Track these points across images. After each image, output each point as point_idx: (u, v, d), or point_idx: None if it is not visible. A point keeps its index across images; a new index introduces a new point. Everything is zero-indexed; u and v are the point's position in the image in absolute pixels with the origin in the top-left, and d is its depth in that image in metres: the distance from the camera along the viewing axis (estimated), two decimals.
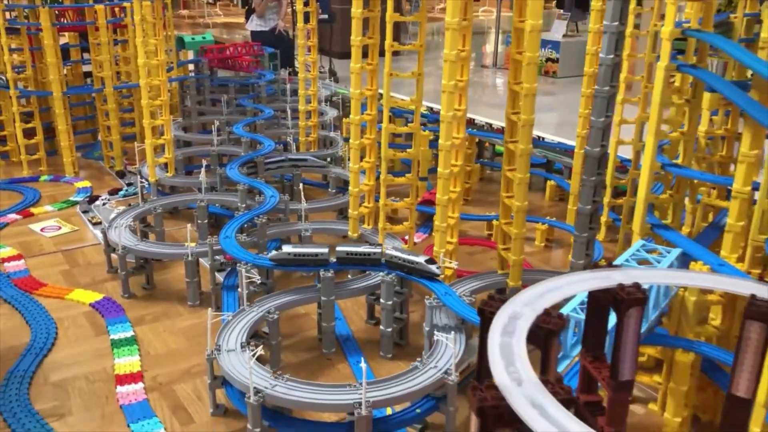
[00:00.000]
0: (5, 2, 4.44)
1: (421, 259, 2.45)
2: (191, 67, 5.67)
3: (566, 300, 1.64)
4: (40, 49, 4.68)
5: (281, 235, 3.23)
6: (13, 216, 3.87)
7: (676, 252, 2.03)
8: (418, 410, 2.09)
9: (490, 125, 4.97)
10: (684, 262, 2.10)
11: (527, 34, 2.36)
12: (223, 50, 6.02)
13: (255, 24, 11.01)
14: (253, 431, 1.99)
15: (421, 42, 2.74)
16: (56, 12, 4.75)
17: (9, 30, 4.45)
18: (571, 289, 1.39)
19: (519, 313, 1.25)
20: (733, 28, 2.79)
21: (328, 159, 4.38)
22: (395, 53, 2.75)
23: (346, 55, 2.87)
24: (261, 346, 2.05)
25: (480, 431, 1.05)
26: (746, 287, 1.42)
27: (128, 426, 2.18)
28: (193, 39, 6.63)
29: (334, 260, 2.55)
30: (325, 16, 7.76)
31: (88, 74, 5.23)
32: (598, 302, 1.42)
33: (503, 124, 2.97)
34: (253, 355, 2.01)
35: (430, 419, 2.17)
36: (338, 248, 2.56)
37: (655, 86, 2.19)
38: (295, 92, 4.81)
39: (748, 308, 1.34)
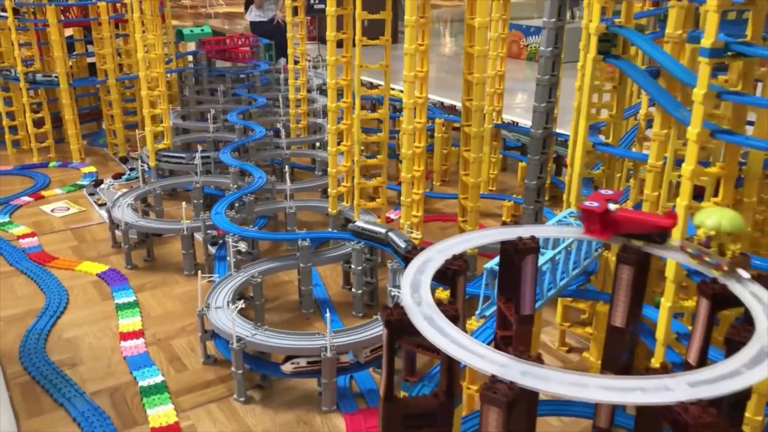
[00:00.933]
0: (15, 1, 4.77)
1: None
2: (190, 57, 5.98)
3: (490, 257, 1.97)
4: (47, 43, 5.02)
5: (267, 212, 3.58)
6: (26, 198, 4.22)
7: None
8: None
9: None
10: None
11: (477, 30, 2.69)
12: (220, 42, 6.35)
13: (254, 15, 11.28)
14: (236, 373, 2.35)
15: (387, 37, 3.06)
16: (61, 9, 5.06)
17: (18, 26, 4.80)
18: (479, 241, 1.73)
19: (432, 258, 1.59)
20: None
21: (317, 144, 4.71)
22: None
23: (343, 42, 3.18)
24: (242, 300, 2.40)
25: (388, 339, 1.40)
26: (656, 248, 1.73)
27: (131, 373, 2.54)
28: (191, 31, 6.95)
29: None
30: (323, 6, 8.01)
31: (92, 65, 5.57)
32: (506, 253, 1.75)
33: None
34: (236, 308, 2.36)
35: None
36: (389, 234, 2.80)
37: (585, 75, 2.51)
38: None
39: (619, 255, 1.67)
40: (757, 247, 2.43)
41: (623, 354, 1.75)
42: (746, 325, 1.35)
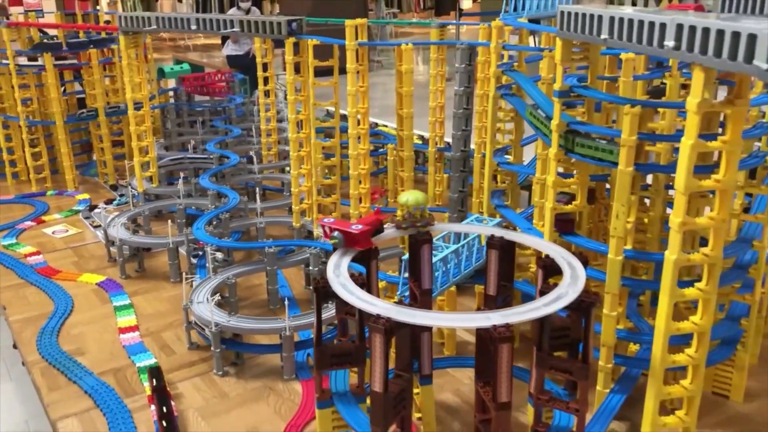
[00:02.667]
0: (15, 50, 5.38)
1: None
2: (171, 93, 6.60)
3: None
4: (43, 85, 5.62)
5: (241, 227, 4.19)
6: (28, 223, 4.80)
7: (496, 220, 2.98)
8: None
9: (422, 136, 5.93)
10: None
11: (404, 75, 3.35)
12: (198, 78, 6.98)
13: (230, 48, 11.93)
14: (215, 351, 2.94)
15: (335, 80, 3.71)
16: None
17: (18, 71, 5.41)
18: (390, 234, 2.35)
19: (344, 253, 2.21)
20: None
21: (287, 169, 5.33)
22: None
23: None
24: (218, 294, 3.01)
25: (317, 301, 2.01)
26: (516, 237, 2.37)
27: (129, 358, 3.12)
28: (172, 69, 7.60)
29: None
30: None
31: (81, 102, 6.16)
32: (411, 245, 2.38)
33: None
34: (213, 300, 2.96)
35: None
36: None
37: (489, 108, 3.18)
38: None
39: (487, 243, 2.30)
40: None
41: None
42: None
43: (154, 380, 2.83)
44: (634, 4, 8.98)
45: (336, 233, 2.16)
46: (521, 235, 2.39)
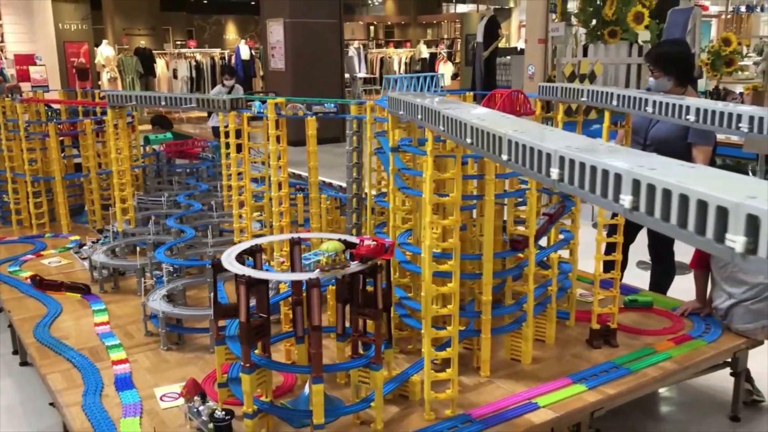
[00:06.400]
0: (25, 120, 6.70)
1: None
2: (154, 157, 7.89)
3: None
4: (46, 149, 6.92)
5: (195, 254, 5.39)
6: (29, 256, 6.00)
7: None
8: None
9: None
10: None
11: (309, 138, 4.63)
12: (178, 144, 8.30)
13: (215, 121, 13.42)
14: (161, 332, 4.09)
15: (265, 143, 4.99)
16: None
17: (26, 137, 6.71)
18: (270, 239, 3.55)
19: (238, 247, 3.40)
20: None
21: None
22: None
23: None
24: (165, 293, 4.18)
25: (213, 273, 3.19)
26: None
27: (101, 340, 4.26)
28: (156, 137, 8.92)
29: None
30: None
31: (78, 165, 7.44)
32: (289, 247, 3.58)
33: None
34: (162, 296, 4.13)
35: None
36: None
37: (367, 162, 4.44)
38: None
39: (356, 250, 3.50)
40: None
41: (347, 293, 3.55)
42: None
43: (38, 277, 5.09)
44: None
45: None
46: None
